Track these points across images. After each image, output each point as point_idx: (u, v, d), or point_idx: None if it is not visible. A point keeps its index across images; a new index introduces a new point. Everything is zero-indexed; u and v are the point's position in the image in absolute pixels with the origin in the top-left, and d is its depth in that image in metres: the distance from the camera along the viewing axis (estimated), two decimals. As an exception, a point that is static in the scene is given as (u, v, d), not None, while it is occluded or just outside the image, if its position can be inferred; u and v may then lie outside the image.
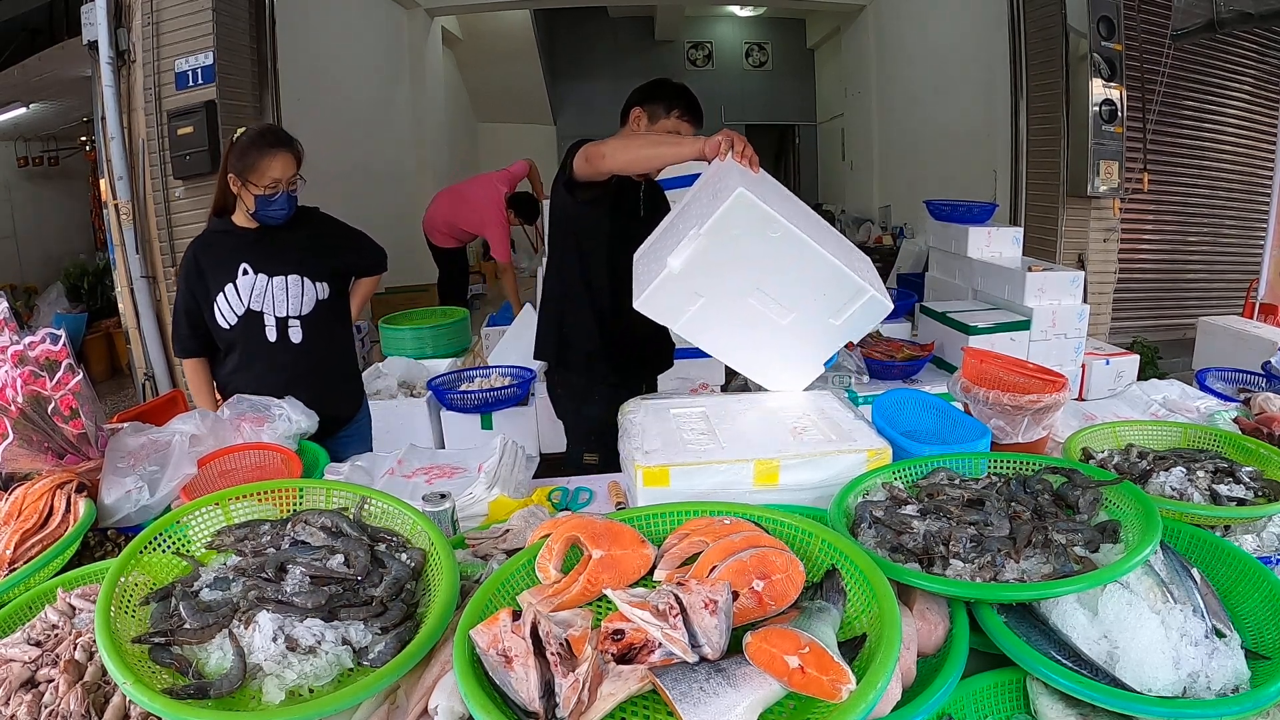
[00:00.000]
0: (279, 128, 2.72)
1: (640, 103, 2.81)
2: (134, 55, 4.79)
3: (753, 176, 2.00)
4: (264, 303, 2.69)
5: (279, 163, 2.57)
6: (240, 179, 2.59)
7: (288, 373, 2.71)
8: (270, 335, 2.72)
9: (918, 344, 4.33)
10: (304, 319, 2.75)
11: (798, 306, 1.98)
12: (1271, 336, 4.48)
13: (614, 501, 2.15)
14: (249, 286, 2.67)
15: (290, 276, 2.71)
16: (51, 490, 1.76)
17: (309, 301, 2.75)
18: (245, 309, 2.69)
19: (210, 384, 2.83)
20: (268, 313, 2.70)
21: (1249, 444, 1.92)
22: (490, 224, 6.33)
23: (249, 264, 2.67)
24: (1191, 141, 7.13)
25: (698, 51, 13.44)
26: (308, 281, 2.73)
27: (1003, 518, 1.45)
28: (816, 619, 1.12)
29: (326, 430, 2.75)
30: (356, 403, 3.06)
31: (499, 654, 1.07)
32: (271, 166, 2.56)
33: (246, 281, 2.67)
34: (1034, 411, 2.07)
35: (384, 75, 8.48)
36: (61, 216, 9.42)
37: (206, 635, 1.19)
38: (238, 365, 2.76)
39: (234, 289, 2.67)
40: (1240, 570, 1.41)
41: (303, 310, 2.74)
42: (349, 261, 2.94)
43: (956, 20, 7.48)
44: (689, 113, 2.80)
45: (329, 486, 1.63)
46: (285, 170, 2.59)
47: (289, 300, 2.71)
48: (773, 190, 2.10)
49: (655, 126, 2.77)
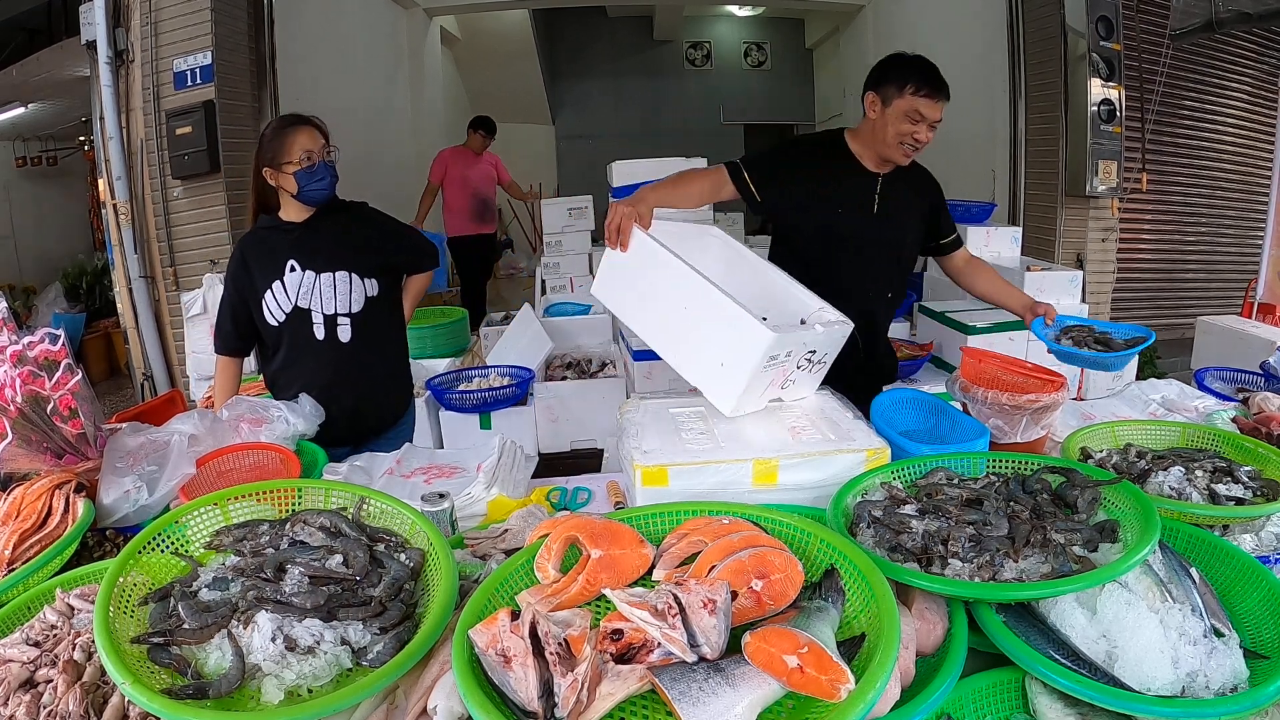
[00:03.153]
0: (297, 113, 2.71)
1: (873, 86, 2.55)
2: (132, 55, 4.79)
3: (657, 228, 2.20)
4: (311, 299, 2.64)
5: (304, 135, 2.55)
6: (274, 166, 2.56)
7: (334, 371, 2.67)
8: (318, 333, 2.66)
9: (916, 343, 4.34)
10: (353, 317, 2.69)
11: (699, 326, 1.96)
12: (1270, 336, 4.47)
13: (613, 501, 2.15)
14: (296, 283, 2.63)
15: (339, 273, 2.66)
16: (50, 490, 1.76)
17: (358, 299, 2.69)
18: (293, 306, 2.64)
19: (236, 386, 2.79)
20: (315, 310, 2.65)
21: (1248, 443, 1.92)
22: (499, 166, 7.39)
23: (296, 260, 2.63)
24: (1190, 141, 7.14)
25: (696, 51, 13.41)
26: (356, 278, 2.68)
27: (1001, 517, 1.45)
28: (815, 619, 1.12)
29: (374, 430, 2.75)
30: (405, 404, 3.01)
31: (498, 654, 1.07)
32: (298, 140, 2.54)
33: (294, 278, 2.63)
34: (1032, 411, 2.07)
35: (382, 75, 8.46)
36: (60, 216, 9.42)
37: (205, 635, 1.19)
38: (285, 362, 2.72)
39: (281, 286, 2.63)
40: (1239, 570, 1.41)
41: (351, 308, 2.68)
42: (399, 259, 2.88)
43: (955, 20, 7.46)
44: (926, 85, 2.46)
45: (328, 486, 1.64)
46: (313, 142, 2.56)
47: (336, 297, 2.66)
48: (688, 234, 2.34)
49: (890, 110, 2.50)
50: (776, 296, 2.26)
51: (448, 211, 7.17)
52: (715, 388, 1.92)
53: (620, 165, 4.48)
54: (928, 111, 2.46)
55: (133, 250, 4.91)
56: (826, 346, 2.03)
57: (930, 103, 2.46)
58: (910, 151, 2.55)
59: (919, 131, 2.49)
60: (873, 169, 2.64)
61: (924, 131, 2.49)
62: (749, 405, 1.95)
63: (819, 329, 1.99)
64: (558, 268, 5.30)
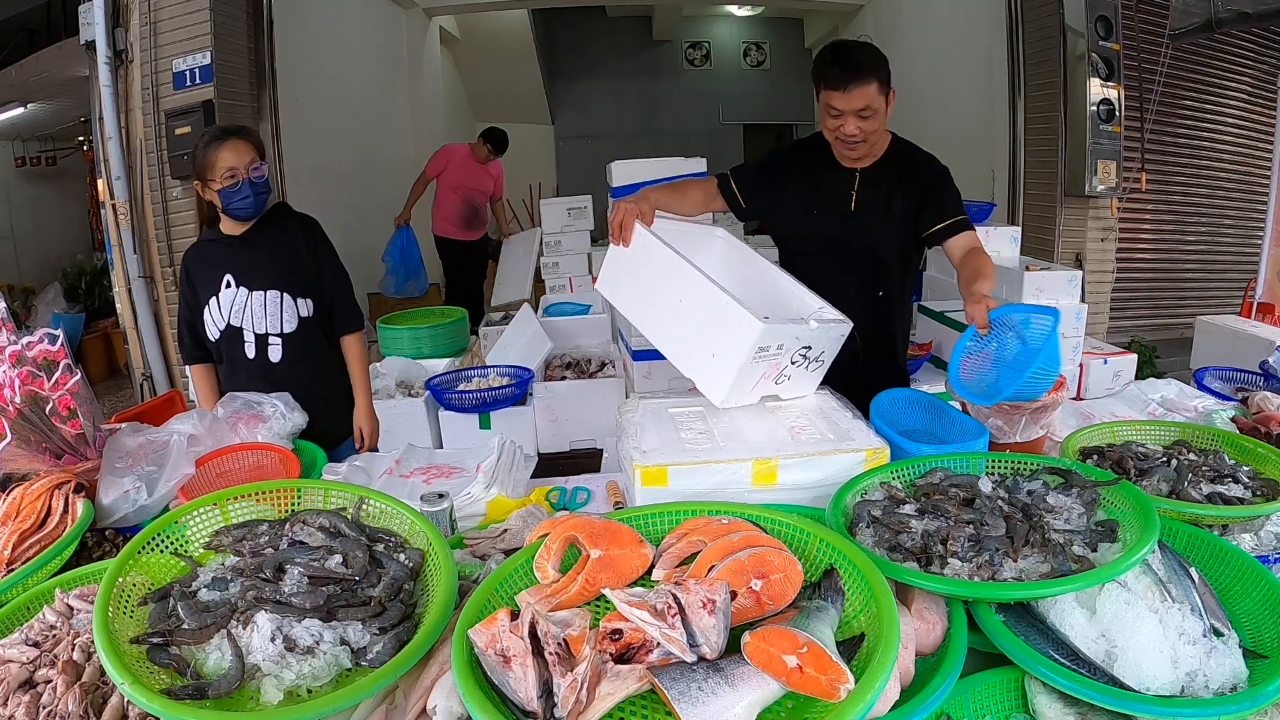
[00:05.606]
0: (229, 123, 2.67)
1: None
2: (131, 55, 4.78)
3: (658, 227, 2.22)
4: (244, 318, 2.65)
5: (228, 152, 2.51)
6: (201, 181, 2.55)
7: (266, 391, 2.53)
8: (249, 352, 2.67)
9: (916, 343, 4.33)
10: (285, 337, 2.68)
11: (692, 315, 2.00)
12: (1269, 336, 4.47)
13: (612, 501, 2.15)
14: (230, 300, 2.63)
15: (270, 292, 2.65)
16: (50, 490, 1.76)
17: (290, 319, 2.68)
18: (226, 324, 2.65)
19: (215, 390, 2.77)
20: (247, 329, 2.65)
21: (1247, 443, 1.93)
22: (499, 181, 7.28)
23: (232, 276, 2.63)
24: (1189, 141, 7.13)
25: (695, 51, 13.40)
26: (289, 298, 2.67)
27: (997, 517, 1.45)
28: (815, 618, 1.12)
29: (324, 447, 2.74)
30: (343, 429, 2.93)
31: (497, 654, 1.07)
32: (221, 158, 2.50)
33: (229, 295, 2.63)
34: (1032, 411, 2.07)
35: (382, 75, 8.45)
36: (59, 217, 9.41)
37: (205, 636, 1.19)
38: (225, 376, 2.74)
39: (217, 303, 2.64)
40: (1238, 569, 1.41)
41: (283, 328, 2.68)
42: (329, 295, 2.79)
43: (954, 20, 7.46)
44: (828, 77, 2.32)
45: (327, 487, 1.64)
46: (239, 158, 2.51)
47: (267, 317, 2.65)
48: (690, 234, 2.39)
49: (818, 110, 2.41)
50: (780, 298, 2.27)
51: (437, 209, 7.04)
52: (707, 379, 1.94)
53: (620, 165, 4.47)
54: (839, 104, 2.33)
55: (132, 250, 4.90)
56: (823, 344, 2.03)
57: (839, 94, 2.32)
58: (846, 149, 2.46)
59: (843, 125, 2.36)
60: (850, 165, 2.54)
61: (849, 124, 2.35)
62: (740, 398, 1.96)
63: (813, 324, 1.98)
64: (557, 267, 5.30)
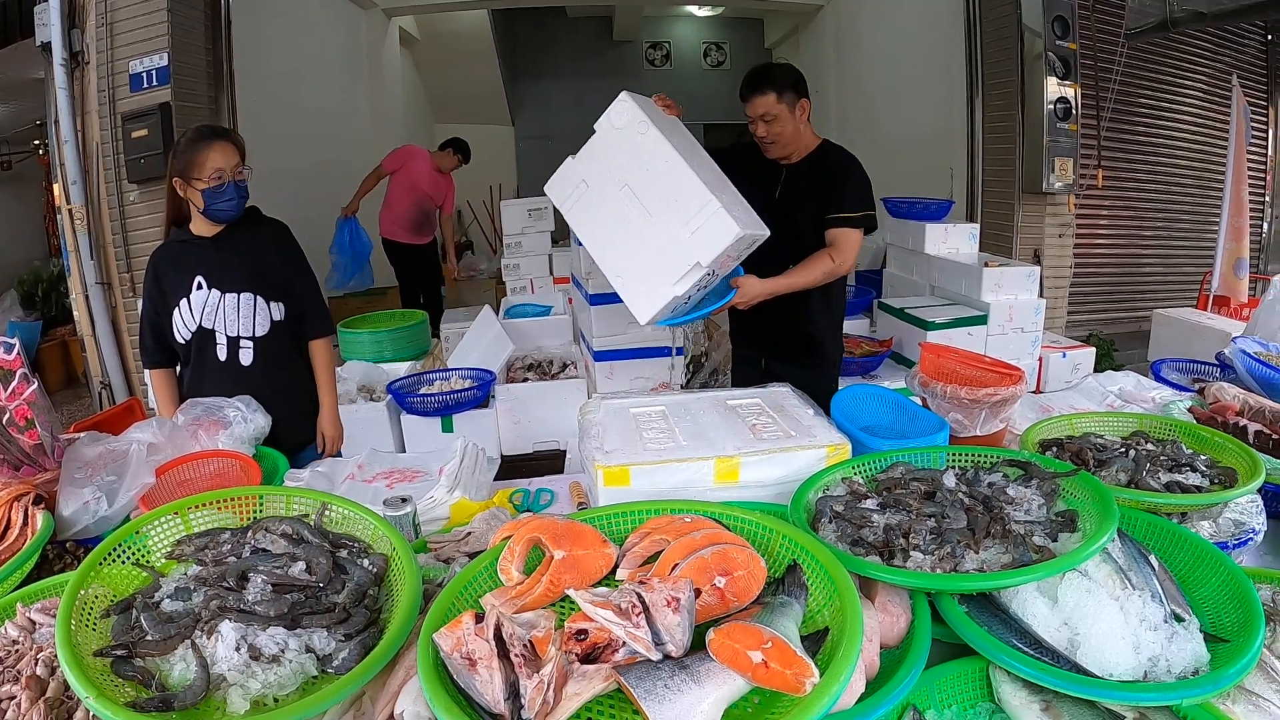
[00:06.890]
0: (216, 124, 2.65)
1: None
2: (88, 57, 4.71)
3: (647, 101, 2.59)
4: (215, 320, 2.62)
5: (217, 153, 2.50)
6: (184, 179, 2.52)
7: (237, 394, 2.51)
8: (220, 354, 2.64)
9: (876, 340, 4.37)
10: (257, 340, 2.66)
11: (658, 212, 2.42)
12: (1225, 328, 4.56)
13: (575, 502, 2.15)
14: (201, 302, 2.60)
15: (243, 295, 2.63)
16: (9, 503, 1.73)
17: (263, 322, 2.67)
18: (198, 325, 2.62)
19: (175, 396, 2.72)
20: (219, 330, 2.63)
21: (1204, 433, 1.96)
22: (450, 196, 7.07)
23: (204, 277, 2.60)
24: (1146, 138, 7.25)
25: (656, 51, 13.41)
26: (261, 301, 2.65)
27: (958, 509, 1.47)
28: (779, 614, 1.12)
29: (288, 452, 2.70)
30: (311, 433, 2.91)
31: (463, 657, 1.07)
32: (210, 158, 2.49)
33: (200, 297, 2.60)
34: (991, 404, 2.10)
35: (341, 76, 8.39)
36: (15, 222, 9.26)
37: (169, 646, 1.18)
38: (192, 379, 2.69)
39: (188, 304, 2.60)
40: (1197, 556, 1.44)
41: (255, 331, 2.66)
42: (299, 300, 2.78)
43: (913, 20, 7.53)
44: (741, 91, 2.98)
45: (289, 493, 1.62)
46: (226, 160, 2.51)
47: (240, 320, 2.63)
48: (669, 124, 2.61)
49: None
50: None
51: (386, 210, 6.71)
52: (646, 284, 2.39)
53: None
54: (747, 111, 2.96)
55: (89, 256, 4.84)
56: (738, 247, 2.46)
57: (745, 104, 2.96)
58: (765, 147, 3.02)
59: (755, 128, 2.97)
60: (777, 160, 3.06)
61: (759, 127, 2.96)
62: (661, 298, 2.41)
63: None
64: (518, 269, 5.28)
